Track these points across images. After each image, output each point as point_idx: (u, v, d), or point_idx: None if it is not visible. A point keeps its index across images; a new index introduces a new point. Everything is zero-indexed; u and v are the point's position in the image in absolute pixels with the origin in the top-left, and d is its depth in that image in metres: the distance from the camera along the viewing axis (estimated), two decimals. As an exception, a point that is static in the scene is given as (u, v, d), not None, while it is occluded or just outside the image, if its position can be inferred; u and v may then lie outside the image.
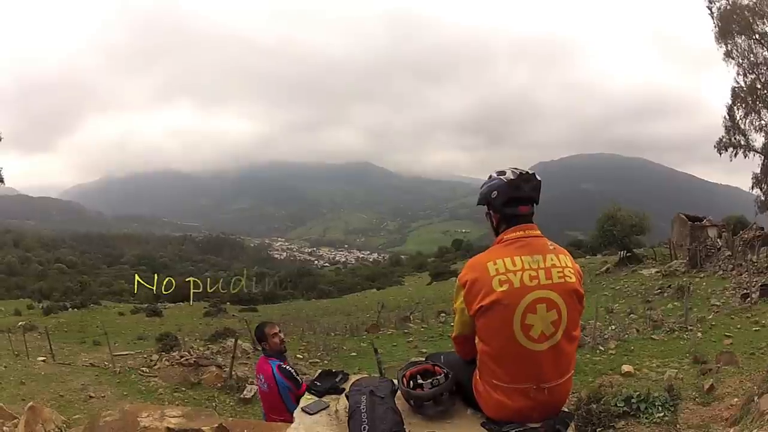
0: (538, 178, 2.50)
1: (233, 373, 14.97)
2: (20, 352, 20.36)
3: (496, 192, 2.48)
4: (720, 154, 35.05)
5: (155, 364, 16.52)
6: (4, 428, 4.64)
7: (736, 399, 8.05)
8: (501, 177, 2.48)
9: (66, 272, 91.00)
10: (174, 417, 3.79)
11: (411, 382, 2.66)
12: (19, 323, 31.97)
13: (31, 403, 4.81)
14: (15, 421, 4.79)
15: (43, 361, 18.21)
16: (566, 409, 2.57)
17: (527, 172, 2.48)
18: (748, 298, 18.02)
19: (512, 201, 2.46)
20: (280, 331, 4.94)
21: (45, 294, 61.97)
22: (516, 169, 2.49)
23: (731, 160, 34.69)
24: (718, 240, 30.15)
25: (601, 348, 14.34)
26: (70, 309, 44.47)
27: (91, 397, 13.35)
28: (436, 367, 2.68)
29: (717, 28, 33.17)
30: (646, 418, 7.49)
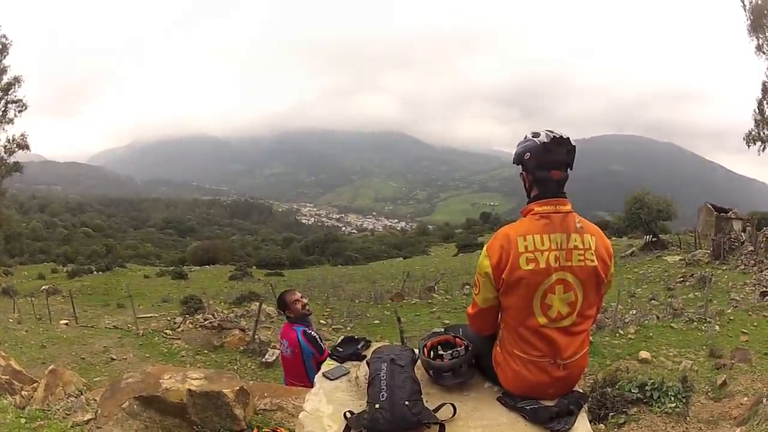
0: (573, 143, 2.46)
1: (256, 336, 15.17)
2: (42, 316, 20.74)
3: (529, 154, 2.47)
4: (748, 146, 34.54)
5: (179, 327, 16.79)
6: (23, 392, 4.64)
7: (746, 398, 7.99)
8: (535, 139, 2.45)
9: (92, 236, 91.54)
10: (196, 379, 3.87)
11: (431, 352, 2.71)
12: (43, 287, 32.47)
13: (52, 366, 4.85)
14: (34, 385, 4.79)
15: (66, 324, 18.51)
16: (581, 390, 2.61)
17: (561, 136, 2.44)
18: (767, 297, 17.77)
19: (545, 164, 2.45)
20: (302, 297, 4.95)
21: (70, 258, 61.81)
22: (551, 131, 2.45)
23: (759, 154, 34.16)
24: (742, 234, 29.66)
25: (620, 331, 14.26)
26: (95, 272, 44.74)
27: (113, 359, 13.61)
28: (456, 339, 2.73)
29: (749, 21, 32.42)
30: (658, 407, 7.44)
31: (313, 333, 4.72)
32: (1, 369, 5.20)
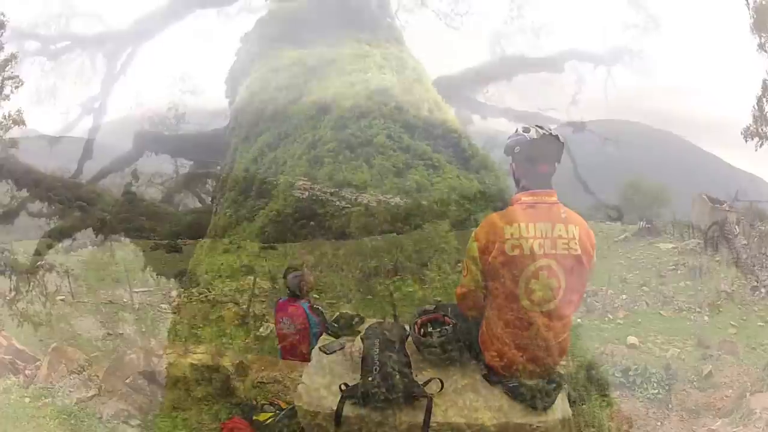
0: (561, 140, 2.59)
1: (251, 310, 15.24)
2: (39, 293, 20.80)
3: (519, 148, 2.60)
4: (746, 141, 34.40)
5: (174, 301, 16.86)
6: (27, 371, 4.69)
7: (730, 390, 8.02)
8: (525, 134, 2.58)
9: (87, 210, 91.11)
10: (197, 353, 4.01)
11: (422, 329, 2.86)
12: (38, 263, 32.39)
13: (54, 344, 4.87)
14: (37, 363, 4.82)
15: (62, 300, 18.59)
16: (562, 372, 2.77)
17: (550, 133, 2.56)
18: (757, 291, 17.90)
19: (533, 158, 2.58)
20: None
21: (65, 233, 61.73)
22: (540, 127, 2.57)
23: (756, 150, 34.02)
24: (736, 226, 29.78)
25: (609, 316, 14.38)
26: (90, 247, 44.41)
27: (109, 334, 13.68)
28: (446, 318, 2.87)
29: (752, 20, 32.14)
30: (641, 392, 7.51)
31: (319, 307, 4.86)
32: (4, 349, 5.25)
